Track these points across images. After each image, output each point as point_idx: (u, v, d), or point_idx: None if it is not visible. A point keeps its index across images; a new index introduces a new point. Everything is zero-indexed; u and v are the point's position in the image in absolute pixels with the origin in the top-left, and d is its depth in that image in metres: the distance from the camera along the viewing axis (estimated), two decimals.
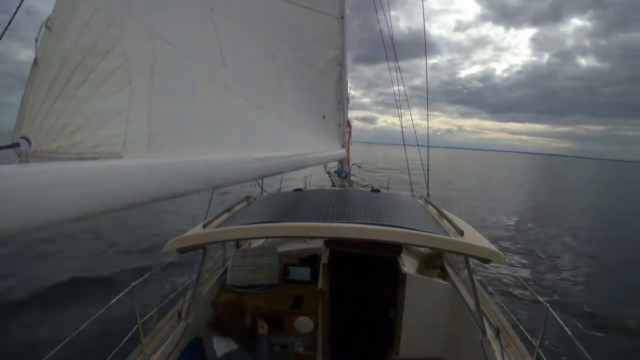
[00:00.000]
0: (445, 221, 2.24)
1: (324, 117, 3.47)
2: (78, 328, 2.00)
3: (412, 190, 6.05)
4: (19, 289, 6.02)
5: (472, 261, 2.16)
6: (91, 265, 7.19)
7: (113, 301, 2.16)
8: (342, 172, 5.61)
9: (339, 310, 3.07)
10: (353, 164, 6.93)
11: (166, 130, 1.16)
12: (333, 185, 5.91)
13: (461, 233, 1.93)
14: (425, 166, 5.45)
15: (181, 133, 1.27)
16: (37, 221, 0.66)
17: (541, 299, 2.26)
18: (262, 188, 4.73)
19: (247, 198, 3.17)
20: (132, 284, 2.19)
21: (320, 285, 2.76)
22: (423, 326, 2.73)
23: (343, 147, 3.96)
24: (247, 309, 2.21)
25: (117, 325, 3.45)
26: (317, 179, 7.26)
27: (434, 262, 3.06)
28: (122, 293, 2.15)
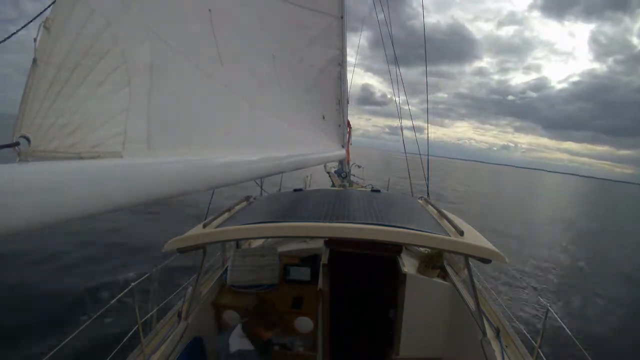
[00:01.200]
0: (445, 221, 2.24)
1: (323, 118, 3.48)
2: (78, 328, 2.00)
3: (412, 191, 6.05)
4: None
5: (472, 261, 2.16)
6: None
7: (113, 301, 2.16)
8: (342, 172, 5.60)
9: (339, 310, 3.07)
10: (353, 164, 6.93)
11: (165, 129, 1.16)
12: (333, 185, 5.91)
13: (461, 233, 1.92)
14: (426, 168, 5.51)
15: (180, 133, 1.28)
16: (37, 221, 0.66)
17: (541, 299, 2.26)
18: (262, 188, 4.73)
19: (247, 198, 3.17)
20: (132, 284, 2.19)
21: (320, 285, 2.76)
22: (423, 326, 2.73)
23: (343, 147, 3.96)
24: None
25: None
26: (317, 179, 7.26)
27: (434, 262, 3.06)
28: (122, 293, 2.15)
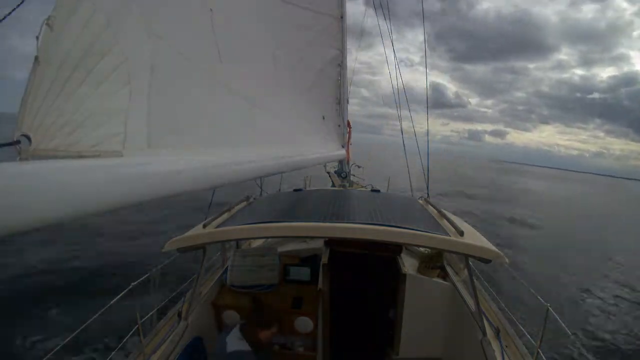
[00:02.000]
0: (445, 221, 2.24)
1: (323, 118, 3.48)
2: (78, 328, 2.00)
3: (412, 191, 6.05)
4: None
5: (472, 261, 2.17)
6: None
7: (113, 301, 2.16)
8: (342, 172, 5.61)
9: (339, 310, 3.07)
10: (353, 164, 6.93)
11: (166, 129, 1.16)
12: (333, 185, 5.92)
13: (461, 233, 1.93)
14: (426, 168, 5.51)
15: (181, 132, 1.28)
16: (37, 220, 0.67)
17: (541, 299, 2.26)
18: (261, 188, 4.73)
19: (247, 198, 3.17)
20: (132, 284, 2.19)
21: (320, 285, 2.76)
22: (423, 326, 2.73)
23: (343, 147, 3.96)
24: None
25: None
26: (317, 179, 7.26)
27: (434, 262, 3.06)
28: (122, 293, 2.15)
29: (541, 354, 2.06)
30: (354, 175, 6.99)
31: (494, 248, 1.82)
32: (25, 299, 5.69)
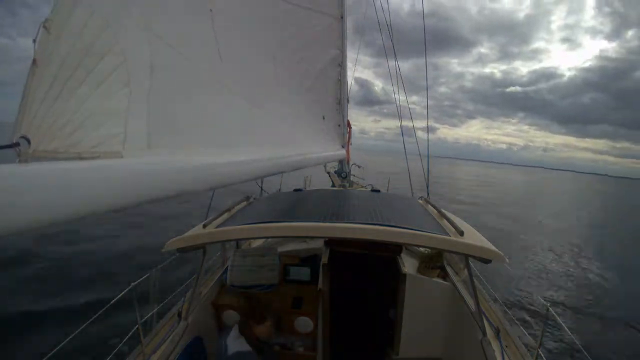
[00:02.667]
0: (445, 221, 2.24)
1: (323, 118, 3.47)
2: (78, 328, 2.00)
3: (412, 191, 6.05)
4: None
5: (472, 261, 2.16)
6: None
7: (113, 301, 2.16)
8: (342, 172, 5.61)
9: (339, 310, 3.07)
10: (353, 164, 6.93)
11: (166, 129, 1.16)
12: (333, 185, 5.91)
13: (461, 233, 1.92)
14: (426, 169, 5.52)
15: (181, 132, 1.28)
16: (37, 221, 0.67)
17: (541, 299, 2.26)
18: (262, 188, 4.73)
19: (247, 198, 3.17)
20: (132, 283, 2.20)
21: (320, 285, 2.76)
22: (423, 326, 2.73)
23: (343, 147, 3.96)
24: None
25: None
26: (317, 179, 7.26)
27: (434, 262, 3.06)
28: (122, 293, 2.15)
29: (541, 354, 2.06)
30: (354, 175, 6.99)
31: (494, 248, 1.82)
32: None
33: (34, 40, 0.76)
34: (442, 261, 3.12)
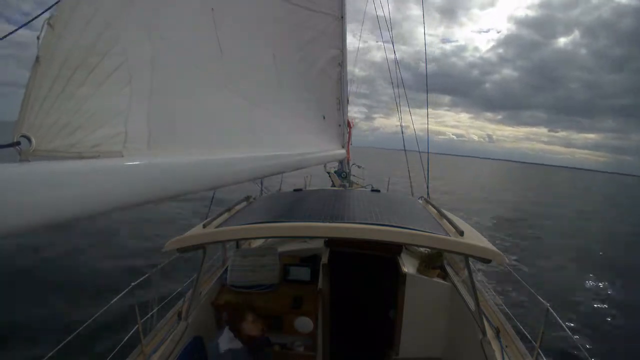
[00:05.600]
0: (445, 221, 2.24)
1: (323, 118, 3.47)
2: (78, 328, 2.00)
3: (412, 191, 6.05)
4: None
5: (472, 261, 2.17)
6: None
7: (113, 301, 2.16)
8: (342, 172, 5.60)
9: (339, 310, 3.07)
10: (353, 164, 6.93)
11: (166, 129, 1.16)
12: (333, 185, 5.91)
13: (461, 233, 1.92)
14: (426, 168, 5.52)
15: (181, 132, 1.28)
16: (37, 220, 0.66)
17: (541, 299, 2.26)
18: (262, 188, 4.73)
19: (247, 198, 3.17)
20: (132, 283, 2.20)
21: (320, 285, 2.76)
22: (423, 326, 2.73)
23: (343, 147, 3.96)
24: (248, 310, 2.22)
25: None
26: (317, 179, 7.26)
27: (434, 262, 3.06)
28: (122, 293, 2.15)
29: (541, 354, 2.06)
30: (354, 175, 6.99)
31: (494, 248, 1.82)
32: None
33: (38, 38, 0.76)
34: (442, 261, 3.13)
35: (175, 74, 1.30)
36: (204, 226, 2.26)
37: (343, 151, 3.90)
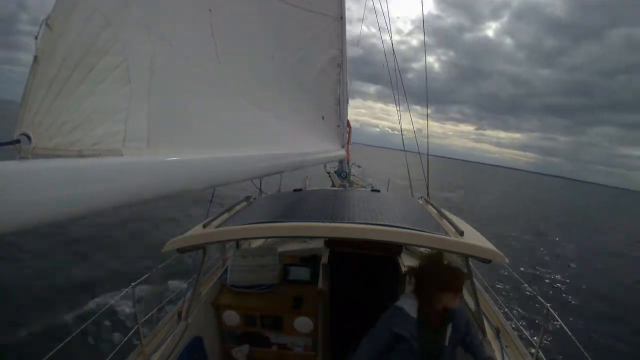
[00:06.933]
0: (445, 221, 2.24)
1: (323, 118, 3.48)
2: (78, 328, 2.00)
3: (412, 191, 6.05)
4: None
5: (472, 261, 2.17)
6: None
7: (113, 301, 2.16)
8: (342, 172, 5.60)
9: (339, 311, 3.06)
10: (353, 164, 6.93)
11: (165, 128, 1.17)
12: (333, 185, 5.91)
13: (461, 233, 1.92)
14: (426, 168, 5.52)
15: (181, 131, 1.28)
16: (37, 218, 0.67)
17: (541, 299, 2.26)
18: (260, 189, 4.72)
19: (247, 198, 3.18)
20: (132, 284, 2.20)
21: (320, 285, 2.76)
22: None
23: (343, 147, 3.96)
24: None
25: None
26: (317, 179, 7.27)
27: None
28: (122, 293, 2.16)
29: (541, 354, 2.06)
30: (354, 176, 6.99)
31: (494, 248, 1.82)
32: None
33: (36, 37, 0.77)
34: (442, 261, 3.12)
35: (175, 73, 1.31)
36: (204, 226, 2.26)
37: (343, 151, 3.91)
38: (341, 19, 3.66)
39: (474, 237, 1.95)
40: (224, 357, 2.75)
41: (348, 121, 4.59)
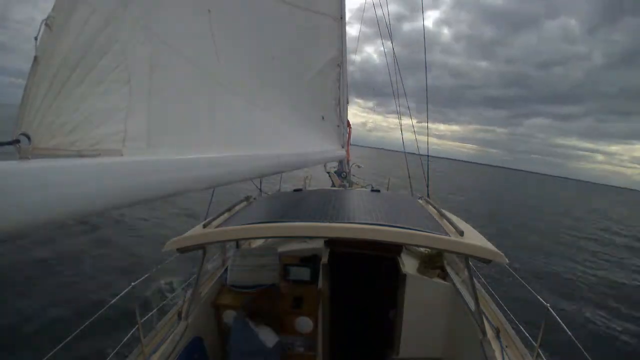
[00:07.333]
0: (445, 221, 2.24)
1: (322, 118, 3.48)
2: (78, 328, 2.00)
3: (412, 191, 6.05)
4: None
5: (472, 261, 2.17)
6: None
7: (113, 301, 2.16)
8: (342, 172, 5.61)
9: (339, 310, 3.06)
10: (353, 164, 6.93)
11: (165, 128, 1.17)
12: (333, 185, 5.91)
13: (461, 233, 1.92)
14: (426, 168, 5.52)
15: (180, 131, 1.28)
16: (37, 218, 0.67)
17: (541, 299, 2.26)
18: (260, 189, 4.72)
19: (247, 198, 3.18)
20: (132, 283, 2.19)
21: (320, 285, 2.76)
22: (423, 326, 2.73)
23: (342, 147, 3.96)
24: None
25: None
26: (317, 179, 7.27)
27: (434, 262, 3.06)
28: (122, 293, 2.15)
29: (541, 354, 2.05)
30: (354, 176, 6.99)
31: (494, 248, 1.82)
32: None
33: (36, 38, 0.76)
34: (442, 261, 3.12)
35: (175, 73, 1.31)
36: (204, 226, 2.26)
37: (343, 151, 3.91)
38: (341, 19, 3.66)
39: (474, 237, 1.95)
40: (224, 357, 2.75)
41: (348, 121, 4.59)
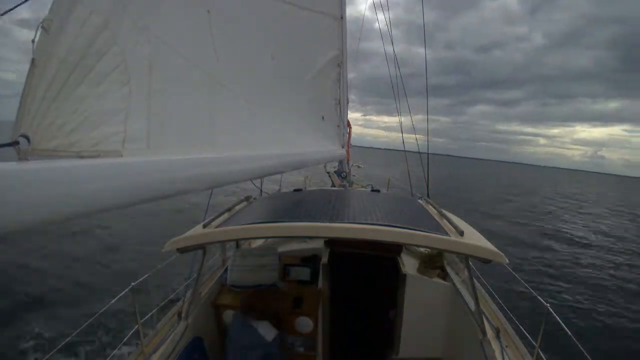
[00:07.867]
0: (445, 221, 2.24)
1: (322, 118, 3.48)
2: (78, 328, 2.00)
3: (412, 191, 6.05)
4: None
5: (472, 261, 2.17)
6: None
7: (113, 301, 2.16)
8: (342, 172, 5.61)
9: (339, 310, 3.07)
10: (353, 164, 6.93)
11: (165, 128, 1.17)
12: (333, 185, 5.91)
13: (461, 233, 1.92)
14: (426, 168, 5.51)
15: (180, 132, 1.28)
16: (36, 219, 0.67)
17: (541, 299, 2.26)
18: (261, 189, 4.72)
19: (247, 198, 3.18)
20: (132, 283, 2.20)
21: (320, 285, 2.76)
22: (423, 326, 2.73)
23: (343, 147, 3.96)
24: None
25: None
26: (317, 179, 7.27)
27: (434, 262, 3.06)
28: (122, 293, 2.15)
29: (541, 354, 2.06)
30: (354, 176, 6.99)
31: (494, 248, 1.81)
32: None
33: (33, 41, 0.76)
34: (442, 261, 3.12)
35: (174, 74, 1.31)
36: (204, 226, 2.26)
37: (343, 151, 3.90)
38: (341, 18, 3.65)
39: (474, 237, 1.95)
40: (224, 357, 2.75)
41: (348, 121, 4.58)
